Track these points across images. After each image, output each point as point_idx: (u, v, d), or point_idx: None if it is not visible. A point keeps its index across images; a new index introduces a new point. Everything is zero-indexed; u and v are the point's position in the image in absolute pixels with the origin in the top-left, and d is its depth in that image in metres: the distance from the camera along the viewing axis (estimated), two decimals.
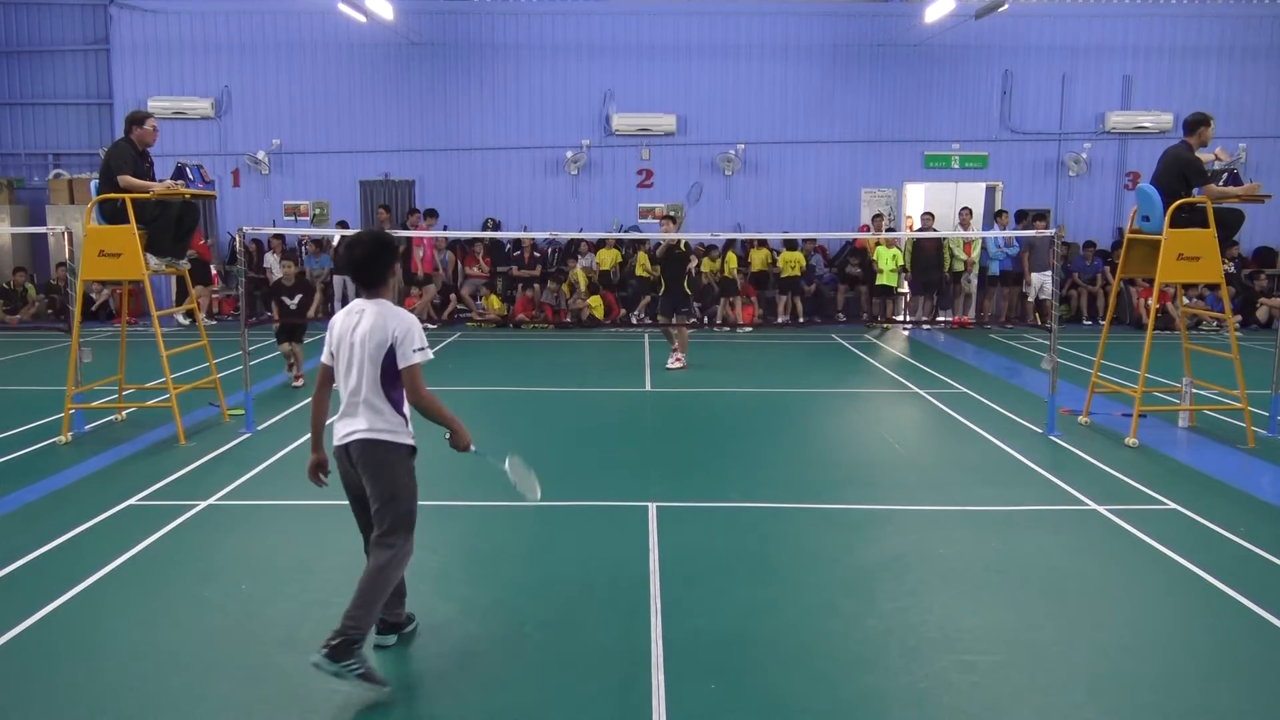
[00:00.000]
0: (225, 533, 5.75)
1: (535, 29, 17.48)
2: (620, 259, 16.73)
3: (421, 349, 3.88)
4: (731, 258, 16.17)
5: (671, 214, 14.07)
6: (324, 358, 4.06)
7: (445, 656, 4.18)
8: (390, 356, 3.84)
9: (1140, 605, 4.76)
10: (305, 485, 6.86)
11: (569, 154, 17.61)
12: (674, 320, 11.88)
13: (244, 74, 17.56)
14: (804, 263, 16.48)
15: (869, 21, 17.50)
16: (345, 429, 4.00)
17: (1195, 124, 8.06)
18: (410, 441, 4.00)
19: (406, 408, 3.99)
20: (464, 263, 16.94)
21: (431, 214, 16.82)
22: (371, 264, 3.91)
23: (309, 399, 4.19)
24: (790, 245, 16.25)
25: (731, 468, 7.32)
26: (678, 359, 11.71)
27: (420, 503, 4.14)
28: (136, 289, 10.24)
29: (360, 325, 3.87)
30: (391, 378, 3.88)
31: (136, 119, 8.12)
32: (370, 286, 3.94)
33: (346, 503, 4.19)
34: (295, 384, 10.54)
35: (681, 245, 11.82)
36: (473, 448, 4.14)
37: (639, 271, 16.27)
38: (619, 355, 13.23)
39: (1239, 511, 6.19)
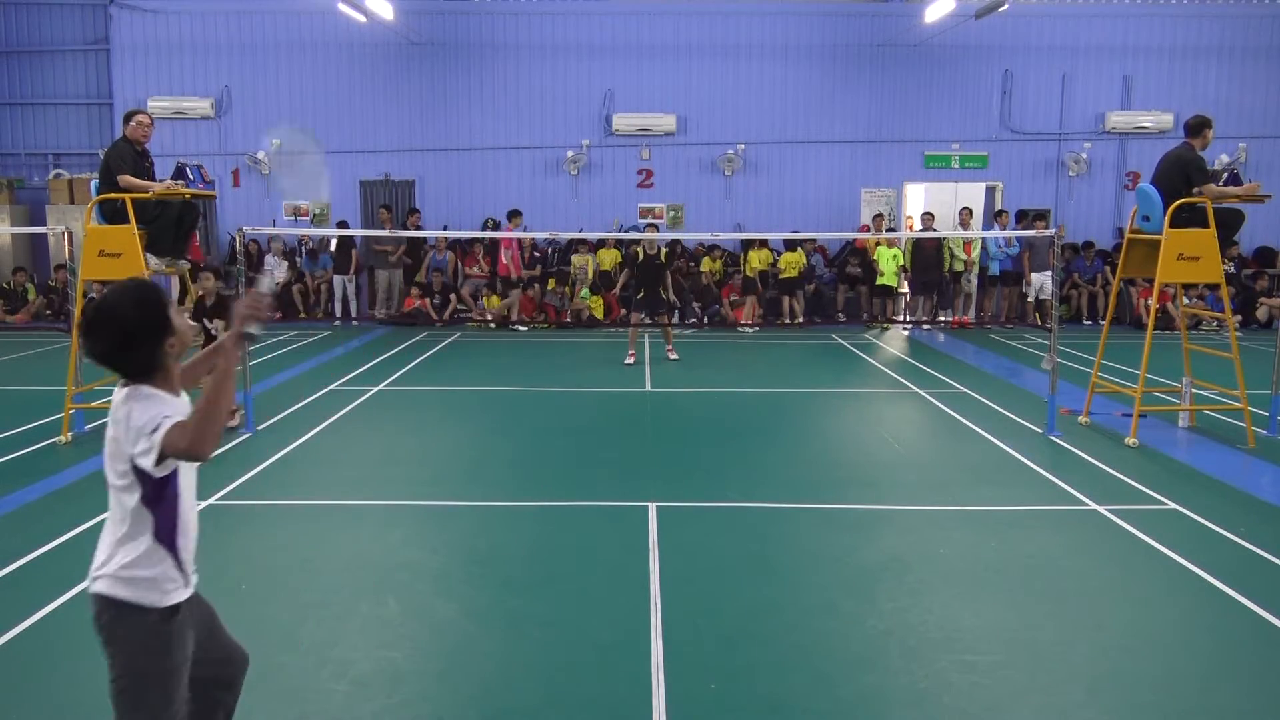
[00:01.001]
0: (225, 533, 5.75)
1: (535, 29, 17.49)
2: (620, 259, 16.71)
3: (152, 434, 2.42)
4: (754, 256, 16.16)
5: (654, 223, 14.87)
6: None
7: (445, 656, 4.18)
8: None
9: (1140, 605, 4.76)
10: (305, 485, 6.86)
11: (569, 154, 17.61)
12: (654, 320, 12.53)
13: (244, 74, 17.56)
14: (804, 263, 16.47)
15: (869, 21, 17.50)
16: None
17: (1199, 126, 8.08)
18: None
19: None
20: (464, 263, 16.94)
21: (516, 214, 16.54)
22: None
23: (315, 396, 3.81)
24: (790, 246, 16.26)
25: (731, 468, 7.32)
26: (670, 349, 12.47)
27: (421, 503, 4.14)
28: None
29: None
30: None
31: (127, 116, 8.11)
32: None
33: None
34: (231, 423, 8.11)
35: (662, 256, 12.39)
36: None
37: (605, 266, 16.28)
38: (619, 355, 13.23)
39: (1239, 511, 6.20)
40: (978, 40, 17.21)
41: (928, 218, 16.26)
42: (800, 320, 16.28)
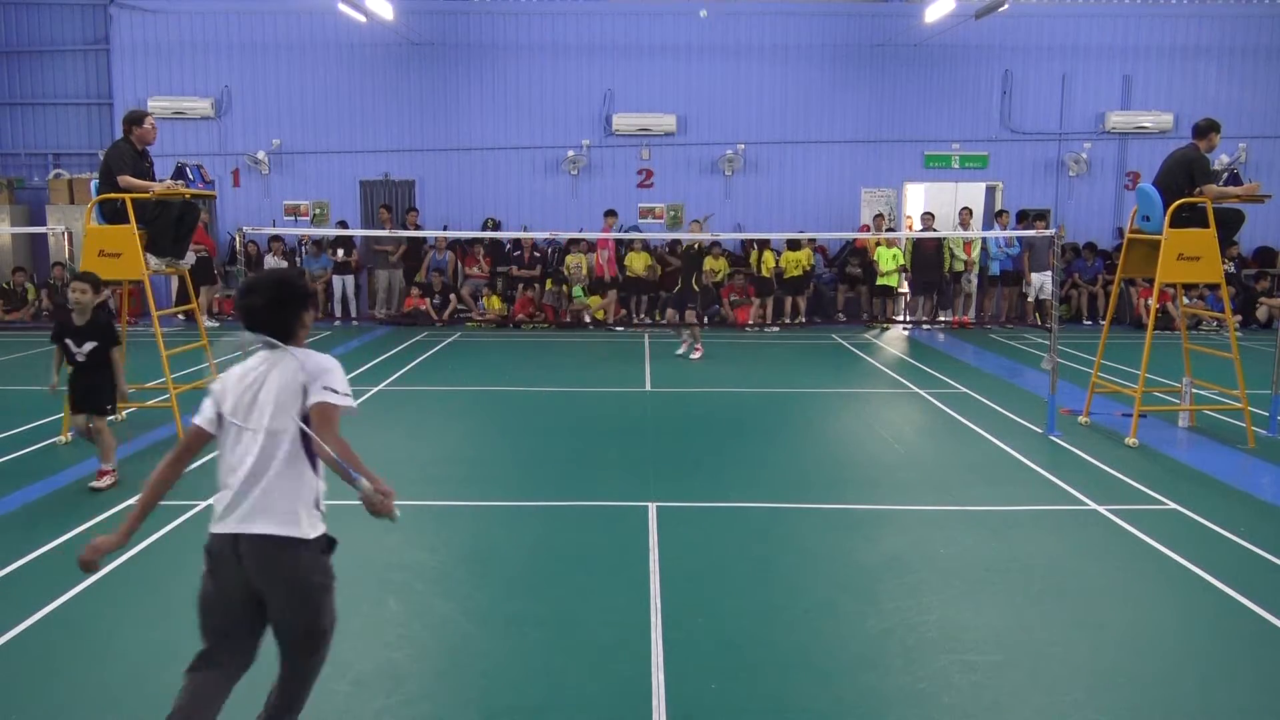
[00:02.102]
0: None
1: (535, 29, 17.48)
2: (650, 261, 16.64)
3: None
4: (769, 257, 16.15)
5: (698, 220, 15.83)
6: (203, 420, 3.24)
7: (445, 656, 4.18)
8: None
9: (1140, 605, 4.76)
10: None
11: (569, 154, 17.61)
12: (683, 317, 13.06)
13: (244, 74, 17.55)
14: (809, 262, 16.47)
15: (869, 21, 17.49)
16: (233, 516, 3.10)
17: (1206, 129, 8.08)
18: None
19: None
20: (464, 263, 16.94)
21: (611, 214, 16.43)
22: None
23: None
24: (793, 245, 16.26)
25: (731, 468, 7.32)
26: (697, 349, 12.79)
27: (420, 502, 4.14)
28: (136, 289, 10.23)
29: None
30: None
31: (135, 119, 8.11)
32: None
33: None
34: (97, 484, 6.58)
35: (696, 247, 13.28)
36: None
37: (640, 268, 16.29)
38: (619, 355, 13.23)
39: (1239, 511, 6.20)
40: (978, 40, 17.21)
41: (928, 218, 16.27)
42: (802, 320, 16.29)
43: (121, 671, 4.01)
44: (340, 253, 16.72)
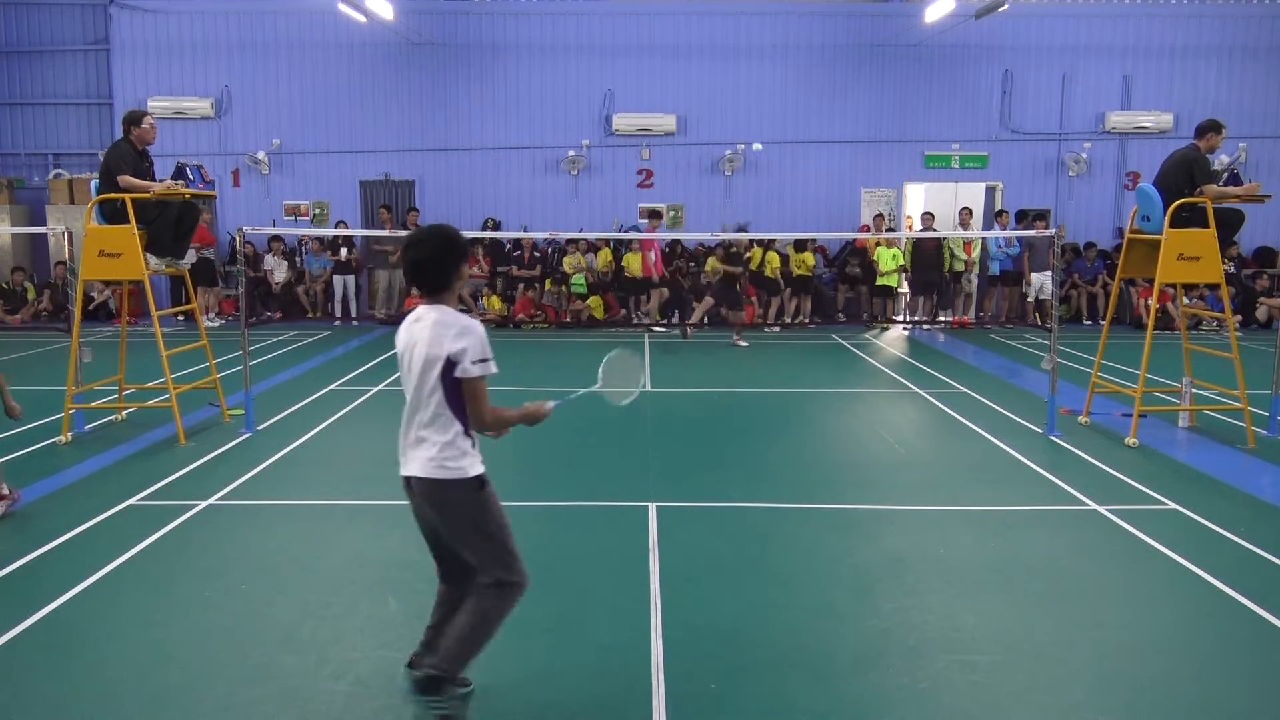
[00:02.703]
0: (225, 533, 5.74)
1: (535, 29, 17.49)
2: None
3: (484, 360, 3.42)
4: (774, 257, 16.16)
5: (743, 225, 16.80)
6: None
7: None
8: (449, 370, 3.41)
9: (1140, 605, 4.76)
10: (305, 485, 6.88)
11: (569, 154, 17.61)
12: (724, 311, 14.25)
13: (244, 74, 17.56)
14: (813, 262, 16.49)
15: (869, 21, 17.50)
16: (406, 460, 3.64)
17: (1206, 129, 8.09)
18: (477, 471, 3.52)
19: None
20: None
21: (656, 215, 16.39)
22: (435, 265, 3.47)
23: (315, 396, 3.87)
24: (800, 246, 16.27)
25: (731, 468, 7.32)
26: (740, 338, 13.87)
27: None
28: (136, 289, 10.24)
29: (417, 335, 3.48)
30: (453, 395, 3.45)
31: (134, 119, 8.11)
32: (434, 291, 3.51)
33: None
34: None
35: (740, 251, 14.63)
36: (550, 405, 3.77)
37: (638, 269, 16.31)
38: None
39: (1239, 511, 6.20)
40: (978, 40, 17.21)
41: (927, 218, 16.27)
42: (805, 320, 16.30)
43: (121, 671, 4.01)
44: (344, 251, 16.70)
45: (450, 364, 3.40)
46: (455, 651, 3.41)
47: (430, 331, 3.44)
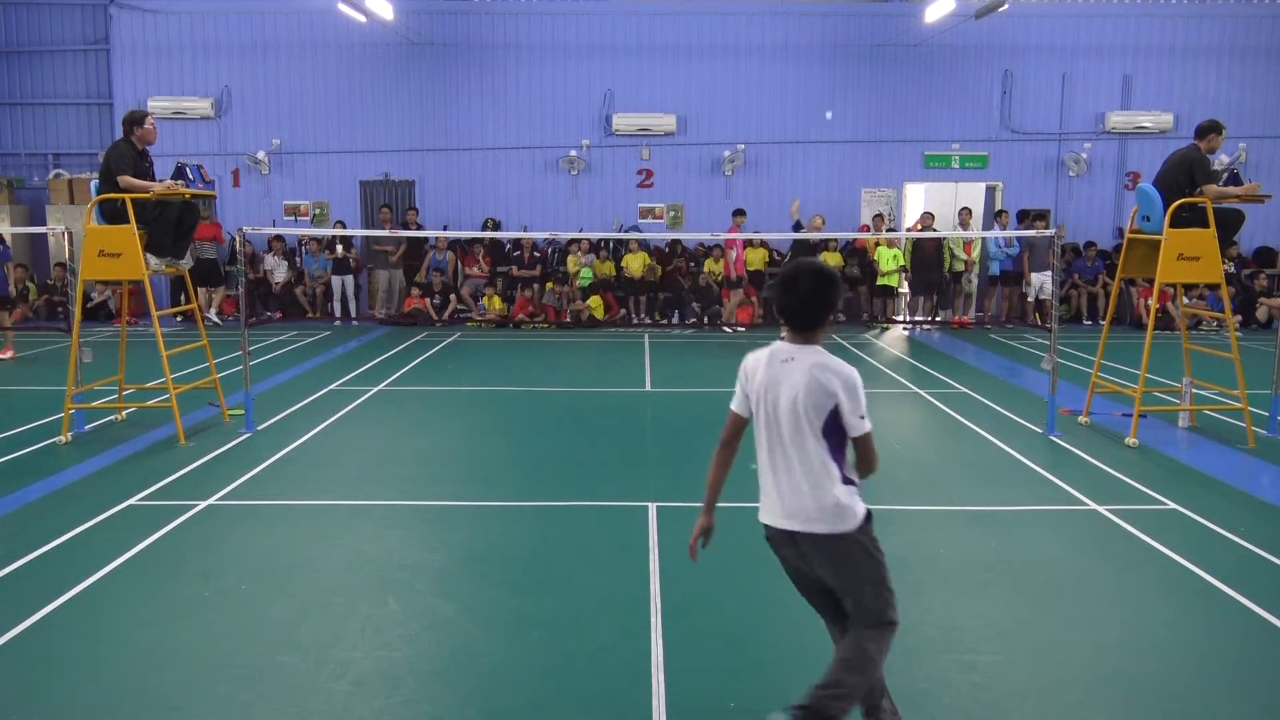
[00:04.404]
0: (225, 533, 5.74)
1: (535, 29, 17.49)
2: (650, 261, 16.64)
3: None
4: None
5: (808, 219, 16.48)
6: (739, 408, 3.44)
7: (445, 657, 4.18)
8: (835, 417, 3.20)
9: (1140, 605, 4.76)
10: (305, 485, 6.86)
11: (569, 154, 17.61)
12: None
13: (244, 74, 17.56)
14: (842, 263, 16.50)
15: (869, 21, 17.50)
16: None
17: (1207, 130, 8.09)
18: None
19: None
20: (464, 263, 16.94)
21: (740, 213, 16.13)
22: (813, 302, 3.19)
23: (315, 396, 3.89)
24: (821, 246, 16.36)
25: (732, 468, 7.30)
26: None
27: (420, 502, 4.13)
28: (136, 289, 10.24)
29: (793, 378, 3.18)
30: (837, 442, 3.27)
31: (135, 119, 8.11)
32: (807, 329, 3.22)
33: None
34: None
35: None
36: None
37: (637, 269, 16.34)
38: (619, 355, 13.23)
39: (1239, 511, 6.19)
40: (978, 40, 17.21)
41: (927, 217, 16.26)
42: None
43: (121, 671, 4.01)
44: (340, 248, 16.69)
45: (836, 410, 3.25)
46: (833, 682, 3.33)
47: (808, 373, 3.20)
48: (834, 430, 3.24)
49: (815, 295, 3.17)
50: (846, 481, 3.34)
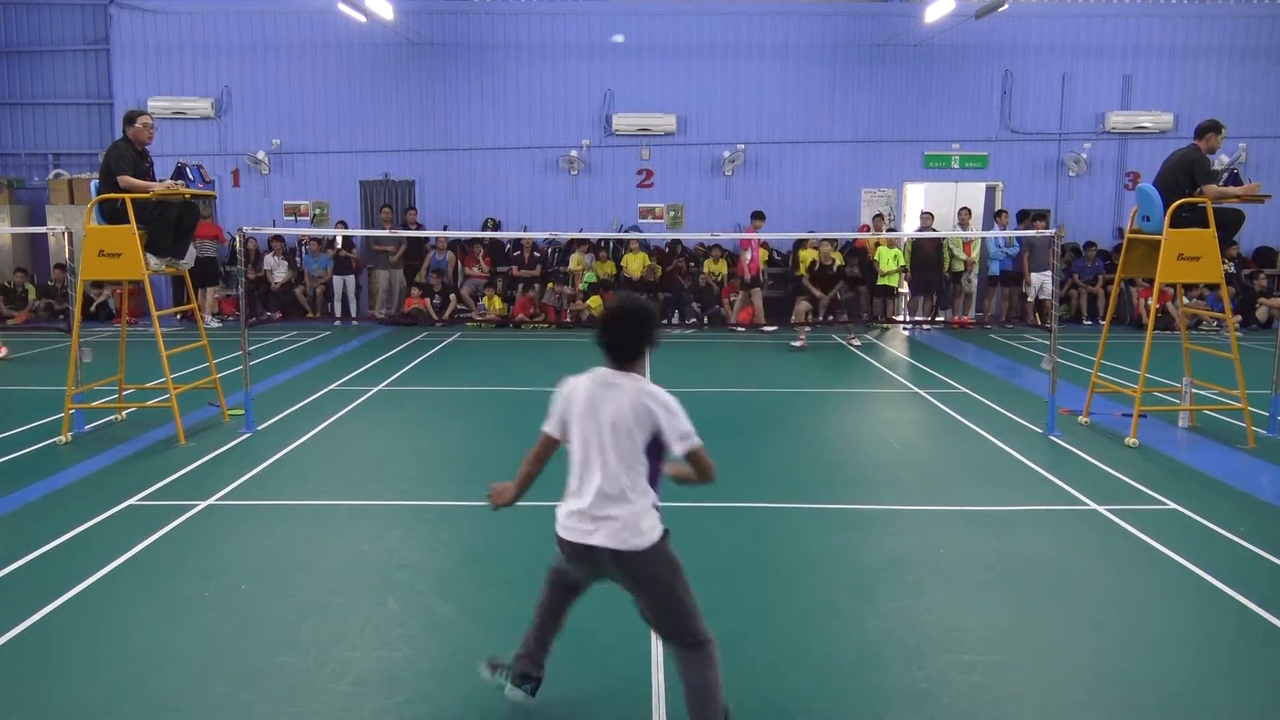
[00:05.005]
0: (225, 533, 5.74)
1: (535, 29, 17.49)
2: (650, 261, 16.62)
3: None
4: (805, 256, 16.18)
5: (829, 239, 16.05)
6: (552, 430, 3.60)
7: (445, 656, 4.18)
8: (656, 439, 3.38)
9: (1140, 605, 4.76)
10: (305, 485, 6.86)
11: (569, 154, 17.61)
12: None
13: (244, 74, 17.56)
14: (842, 262, 16.48)
15: (869, 21, 17.50)
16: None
17: (1206, 129, 8.10)
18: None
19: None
20: (464, 263, 16.94)
21: (759, 216, 15.98)
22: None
23: (315, 396, 3.96)
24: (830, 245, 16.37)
25: (731, 468, 7.28)
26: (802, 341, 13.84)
27: (420, 502, 4.14)
28: (136, 289, 10.24)
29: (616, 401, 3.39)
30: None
31: (129, 118, 8.10)
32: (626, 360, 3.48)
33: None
34: None
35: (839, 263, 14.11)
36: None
37: (637, 270, 16.34)
38: None
39: (1239, 511, 6.19)
40: (978, 40, 17.21)
41: (927, 217, 16.26)
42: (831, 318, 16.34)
43: (121, 671, 4.01)
44: (339, 242, 16.67)
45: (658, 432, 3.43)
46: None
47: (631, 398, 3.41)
48: (654, 451, 3.41)
49: (632, 333, 3.45)
50: (654, 504, 3.45)
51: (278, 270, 16.97)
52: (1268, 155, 17.55)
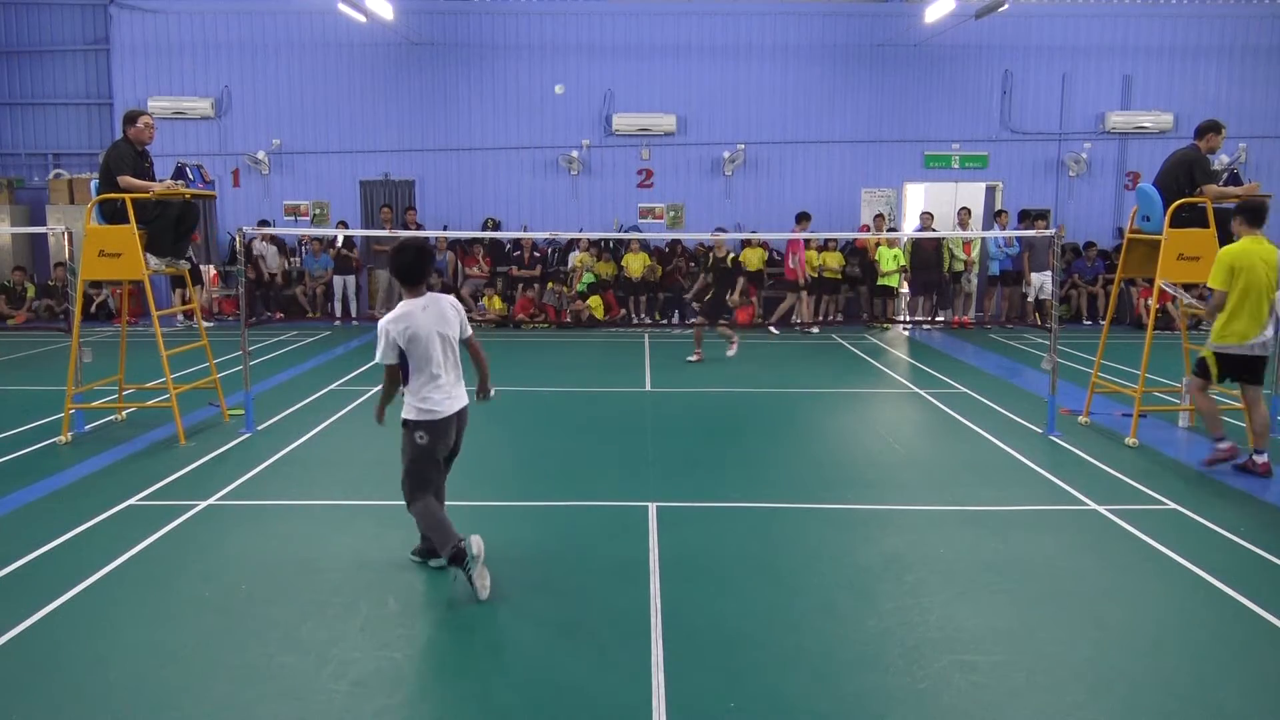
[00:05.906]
0: (225, 533, 5.75)
1: (535, 29, 17.49)
2: (650, 261, 16.62)
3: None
4: (812, 256, 16.16)
5: (723, 229, 14.99)
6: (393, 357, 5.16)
7: (445, 656, 4.18)
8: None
9: (1140, 605, 4.76)
10: (305, 485, 6.87)
11: (570, 154, 17.61)
12: (717, 325, 12.59)
13: (244, 74, 17.56)
14: (843, 263, 16.47)
15: (869, 21, 17.50)
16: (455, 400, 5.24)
17: (1206, 129, 8.10)
18: None
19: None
20: (464, 263, 16.94)
21: (805, 217, 15.51)
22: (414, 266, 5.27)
23: (315, 396, 4.18)
24: (827, 246, 16.34)
25: (731, 467, 7.32)
26: (733, 345, 12.68)
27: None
28: (136, 289, 10.24)
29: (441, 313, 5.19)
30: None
31: (129, 118, 8.10)
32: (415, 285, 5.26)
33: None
34: None
35: (729, 260, 12.60)
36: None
37: (637, 270, 16.32)
38: (619, 355, 13.23)
39: (1239, 511, 6.20)
40: (978, 40, 17.21)
41: (927, 217, 16.27)
42: (832, 319, 16.34)
43: (121, 671, 4.01)
44: (339, 242, 16.64)
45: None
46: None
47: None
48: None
49: (418, 261, 5.23)
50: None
51: (269, 257, 16.86)
52: (1268, 155, 17.55)
